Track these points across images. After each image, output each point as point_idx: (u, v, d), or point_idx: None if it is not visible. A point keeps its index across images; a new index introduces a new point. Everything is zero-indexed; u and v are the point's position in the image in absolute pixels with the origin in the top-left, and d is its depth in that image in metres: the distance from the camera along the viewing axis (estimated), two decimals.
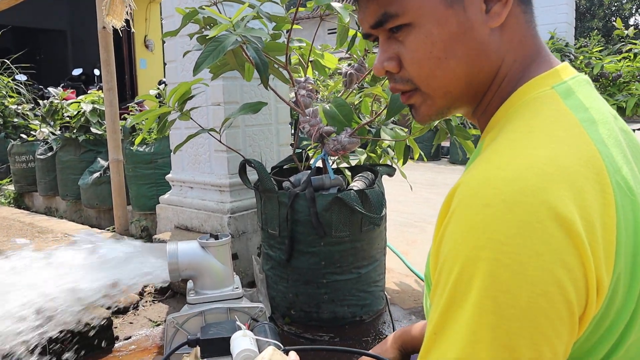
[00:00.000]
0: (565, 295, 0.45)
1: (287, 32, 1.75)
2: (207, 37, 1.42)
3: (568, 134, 0.52)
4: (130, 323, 2.00)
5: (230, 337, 0.96)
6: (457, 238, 0.49)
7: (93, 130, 3.72)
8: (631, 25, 5.06)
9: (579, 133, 0.53)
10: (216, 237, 1.28)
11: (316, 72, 2.30)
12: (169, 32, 1.59)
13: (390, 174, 2.05)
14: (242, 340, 0.92)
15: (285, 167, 2.17)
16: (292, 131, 3.10)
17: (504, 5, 0.58)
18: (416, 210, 4.21)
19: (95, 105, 3.77)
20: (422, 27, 0.59)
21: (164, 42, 2.52)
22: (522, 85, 0.60)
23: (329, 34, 13.27)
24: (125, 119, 3.39)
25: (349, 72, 1.99)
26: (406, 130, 2.28)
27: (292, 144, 2.39)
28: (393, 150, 2.26)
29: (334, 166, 2.09)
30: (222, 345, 0.96)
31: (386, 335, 1.79)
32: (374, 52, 2.16)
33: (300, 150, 2.16)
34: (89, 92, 4.21)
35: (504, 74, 0.61)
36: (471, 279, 0.47)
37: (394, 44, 0.62)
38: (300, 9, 1.77)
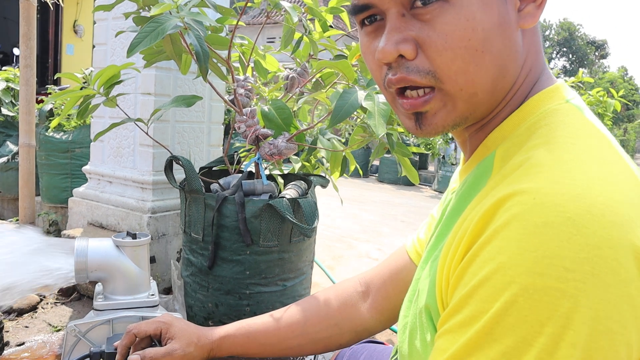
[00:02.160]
0: (627, 335, 0.39)
1: (230, 28, 1.65)
2: (147, 17, 1.29)
3: (608, 151, 0.47)
4: (26, 327, 1.79)
5: None
6: (505, 260, 0.41)
7: (4, 111, 3.40)
8: (552, 68, 5.39)
9: (615, 150, 0.48)
10: (134, 236, 1.15)
11: (255, 74, 2.21)
12: (102, 6, 1.44)
13: (324, 185, 1.98)
14: None
15: (214, 168, 2.05)
16: (223, 136, 2.98)
17: (538, 6, 0.52)
18: (343, 225, 4.19)
19: (10, 84, 3.46)
20: (465, 7, 0.49)
21: (94, 22, 2.34)
22: (532, 96, 0.54)
23: (268, 42, 13.18)
24: (42, 101, 3.12)
25: (290, 76, 1.92)
26: (343, 141, 2.23)
27: (224, 145, 2.28)
28: (328, 162, 2.20)
29: (267, 172, 2.00)
30: None
31: None
32: (318, 59, 2.09)
33: (232, 153, 2.05)
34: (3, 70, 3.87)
35: (520, 82, 0.54)
36: (524, 312, 0.39)
37: (412, 23, 0.51)
38: (247, 4, 1.68)
